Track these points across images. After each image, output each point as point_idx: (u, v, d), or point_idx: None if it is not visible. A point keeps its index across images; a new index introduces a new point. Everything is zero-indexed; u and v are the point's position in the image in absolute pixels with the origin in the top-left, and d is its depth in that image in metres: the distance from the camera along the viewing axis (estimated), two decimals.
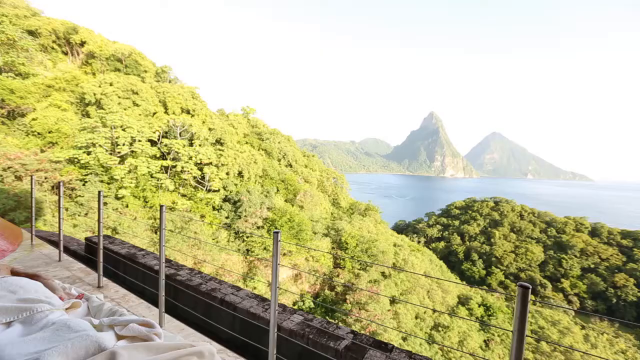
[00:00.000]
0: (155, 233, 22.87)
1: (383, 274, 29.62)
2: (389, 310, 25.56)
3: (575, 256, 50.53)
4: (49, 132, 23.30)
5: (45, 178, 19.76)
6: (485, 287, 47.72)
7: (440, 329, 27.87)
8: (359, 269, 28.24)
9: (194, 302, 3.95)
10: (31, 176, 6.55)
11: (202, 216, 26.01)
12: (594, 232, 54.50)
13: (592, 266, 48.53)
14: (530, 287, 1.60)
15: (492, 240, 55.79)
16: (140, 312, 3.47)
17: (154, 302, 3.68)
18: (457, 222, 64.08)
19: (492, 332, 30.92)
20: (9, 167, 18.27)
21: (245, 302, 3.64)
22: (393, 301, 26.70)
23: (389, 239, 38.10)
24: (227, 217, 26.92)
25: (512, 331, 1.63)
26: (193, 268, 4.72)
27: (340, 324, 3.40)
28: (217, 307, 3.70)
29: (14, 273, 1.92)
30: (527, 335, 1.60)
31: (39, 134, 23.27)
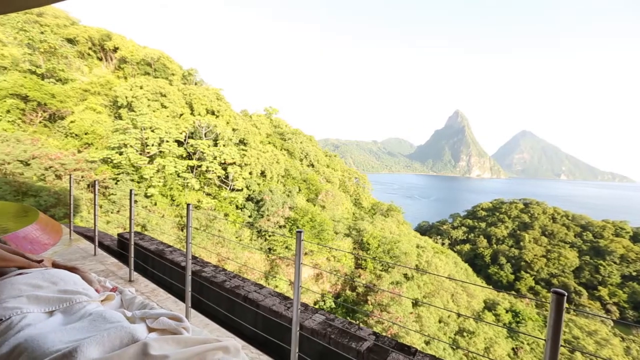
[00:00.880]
0: (182, 230, 23.70)
1: (405, 275, 29.13)
2: (411, 312, 25.09)
3: (615, 262, 47.32)
4: (85, 134, 24.72)
5: (82, 177, 20.99)
6: (513, 292, 45.74)
7: (465, 334, 27.03)
8: (381, 270, 27.92)
9: (218, 298, 4.06)
10: (70, 175, 6.96)
11: (226, 215, 26.66)
12: (636, 237, 50.82)
13: (634, 274, 45.24)
14: (566, 294, 1.51)
15: (522, 243, 53.35)
16: (168, 306, 3.60)
17: (181, 297, 3.80)
18: (483, 224, 61.80)
19: (522, 339, 29.59)
20: (50, 167, 19.56)
21: (268, 300, 3.69)
22: (416, 304, 26.18)
23: (412, 240, 37.39)
24: (250, 216, 27.44)
25: (544, 340, 1.55)
26: (217, 265, 4.85)
27: (361, 324, 3.38)
28: (241, 303, 3.78)
29: (55, 265, 2.05)
30: (561, 345, 1.52)
31: (76, 135, 24.75)
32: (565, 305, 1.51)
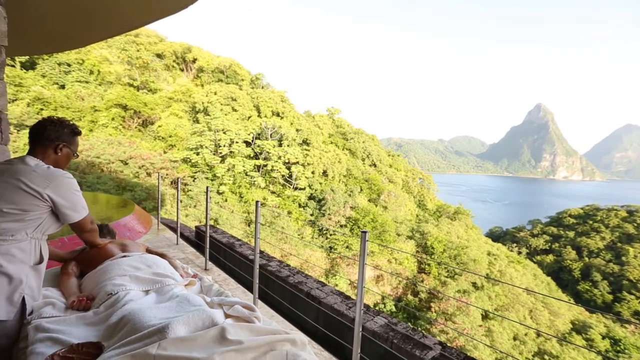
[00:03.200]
0: (249, 226, 25.36)
1: (474, 284, 26.89)
2: (480, 325, 23.11)
3: None
4: (170, 137, 28.01)
5: (167, 174, 23.79)
6: (611, 314, 39.00)
7: (546, 356, 23.90)
8: (446, 277, 26.24)
9: (282, 292, 4.24)
10: (158, 173, 7.98)
11: (289, 212, 27.75)
12: None
13: None
14: None
15: (624, 258, 44.97)
16: (237, 295, 3.87)
17: (249, 287, 4.07)
18: (571, 234, 53.77)
19: None
20: (142, 166, 22.66)
21: (330, 298, 3.74)
22: (486, 316, 24.03)
23: (482, 246, 34.36)
24: (311, 215, 28.13)
25: None
26: (282, 260, 5.07)
27: (424, 332, 3.22)
28: (303, 299, 3.89)
29: (148, 251, 2.38)
30: None
31: (162, 138, 28.19)
32: None
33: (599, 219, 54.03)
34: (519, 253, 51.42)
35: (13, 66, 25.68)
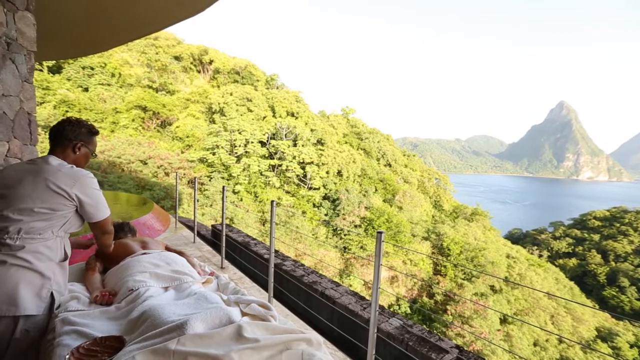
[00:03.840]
0: (263, 225, 25.61)
1: (492, 287, 26.22)
2: (498, 330, 22.50)
3: None
4: (187, 137, 28.61)
5: (184, 174, 24.30)
6: None
7: None
8: (463, 279, 25.69)
9: (296, 291, 4.26)
10: (176, 173, 8.18)
11: (304, 212, 27.85)
12: None
13: None
14: None
15: None
16: (253, 294, 3.91)
17: (263, 286, 4.11)
18: (596, 237, 51.52)
19: None
20: (160, 165, 23.23)
21: (344, 298, 3.73)
22: (505, 320, 23.38)
23: (501, 248, 33.40)
24: (326, 215, 28.13)
25: None
26: (296, 260, 5.09)
27: (438, 335, 3.18)
28: (318, 299, 3.90)
29: (167, 249, 2.44)
30: None
31: (180, 138, 28.83)
32: None
33: (626, 221, 51.60)
34: (540, 256, 49.73)
35: (41, 70, 26.87)
